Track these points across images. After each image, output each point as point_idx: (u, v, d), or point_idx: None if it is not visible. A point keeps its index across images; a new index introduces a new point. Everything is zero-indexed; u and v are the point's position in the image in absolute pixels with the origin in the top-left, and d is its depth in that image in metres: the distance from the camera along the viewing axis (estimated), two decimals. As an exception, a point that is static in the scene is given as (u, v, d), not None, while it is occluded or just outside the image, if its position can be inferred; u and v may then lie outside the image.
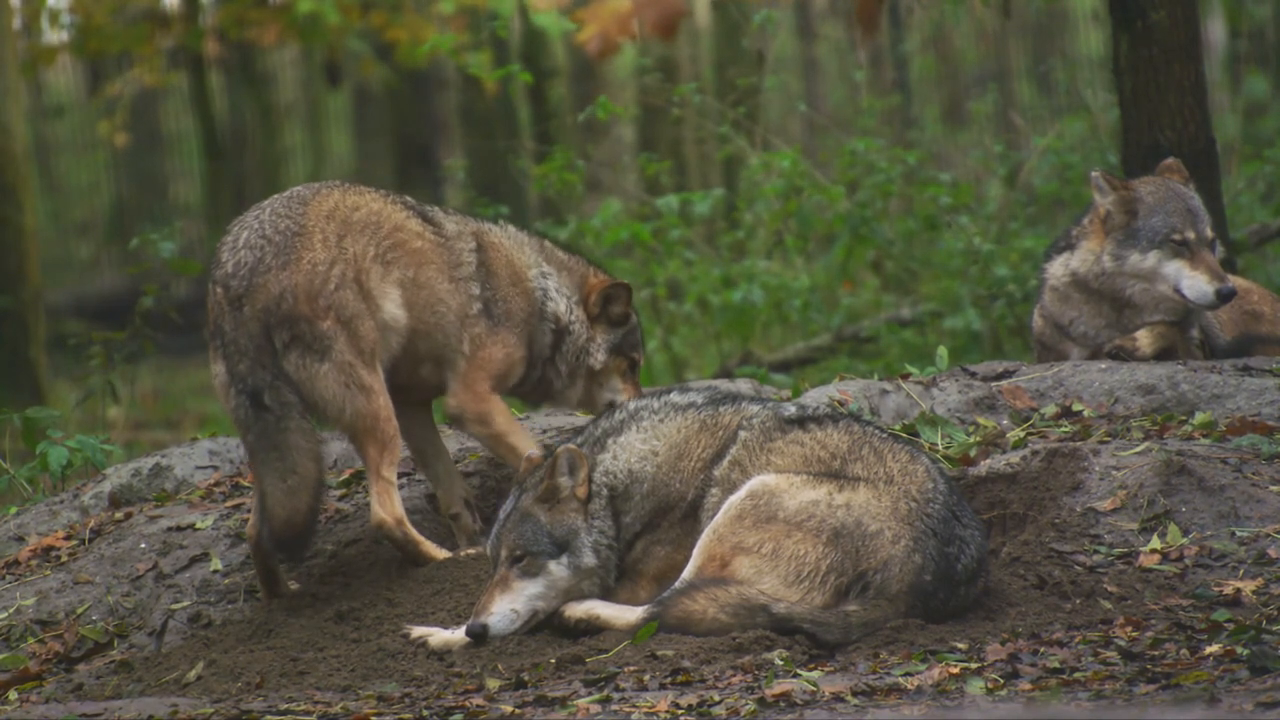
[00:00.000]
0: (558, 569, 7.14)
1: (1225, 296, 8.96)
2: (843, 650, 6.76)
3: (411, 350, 8.00)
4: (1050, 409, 8.54)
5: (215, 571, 8.10)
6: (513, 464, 8.06)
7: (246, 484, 8.80)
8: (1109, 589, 7.12)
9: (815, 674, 6.49)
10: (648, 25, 9.37)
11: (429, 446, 8.28)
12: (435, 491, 8.31)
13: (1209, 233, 9.07)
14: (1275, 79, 21.26)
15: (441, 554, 7.85)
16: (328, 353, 7.77)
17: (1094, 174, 9.22)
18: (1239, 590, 7.03)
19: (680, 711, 6.17)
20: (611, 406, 7.90)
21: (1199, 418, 8.25)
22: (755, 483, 7.01)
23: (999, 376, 8.84)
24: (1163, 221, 9.04)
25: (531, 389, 8.40)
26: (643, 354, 8.56)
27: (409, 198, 8.23)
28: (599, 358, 8.33)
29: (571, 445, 7.21)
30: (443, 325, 8.04)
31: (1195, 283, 8.99)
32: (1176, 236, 9.02)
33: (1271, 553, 7.27)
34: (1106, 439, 8.01)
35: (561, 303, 8.31)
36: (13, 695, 7.43)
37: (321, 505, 7.86)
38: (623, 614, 7.03)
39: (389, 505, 7.82)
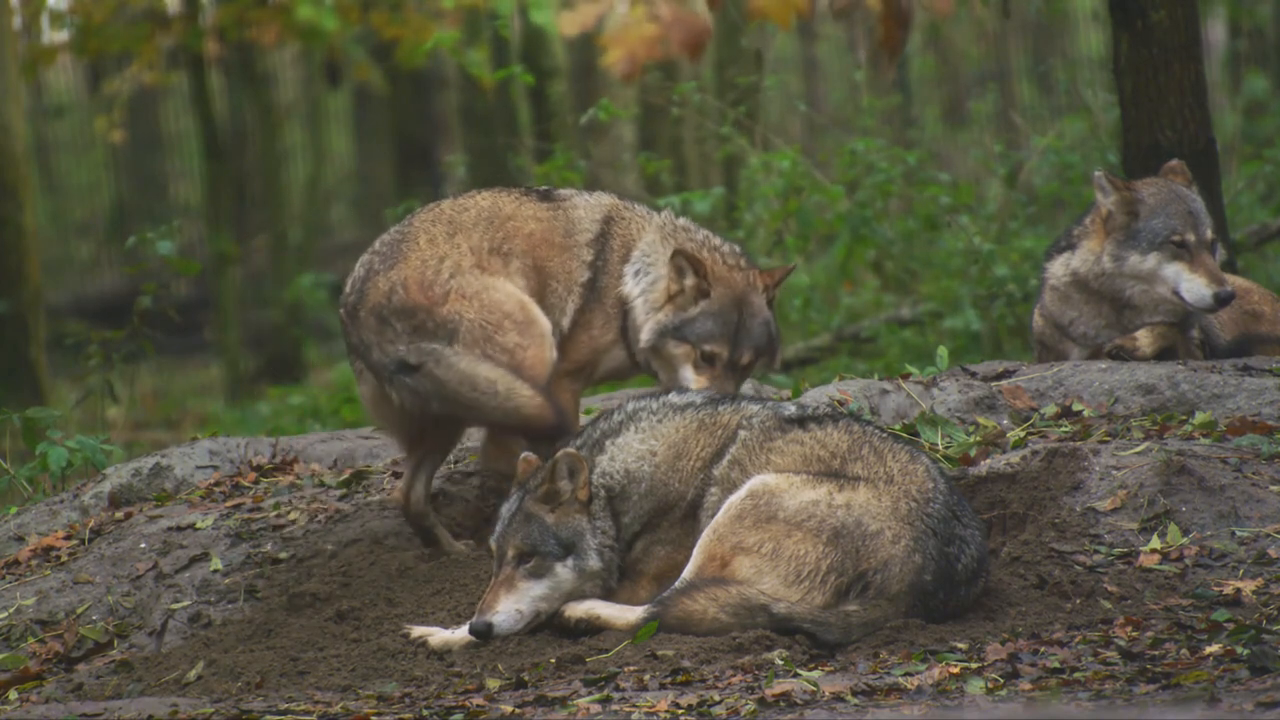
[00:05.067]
0: (564, 571, 7.13)
1: (1223, 300, 8.95)
2: (843, 650, 6.76)
3: None
4: (1050, 409, 8.53)
5: (215, 571, 8.10)
6: None
7: (246, 484, 8.80)
8: (1109, 589, 7.12)
9: (815, 674, 6.49)
10: (675, 45, 9.36)
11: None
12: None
13: (1210, 235, 9.06)
14: (1275, 79, 21.26)
15: None
16: (455, 335, 7.76)
17: (1097, 174, 9.21)
18: (1239, 590, 7.03)
19: (680, 711, 6.17)
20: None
21: (1199, 418, 8.25)
22: (755, 482, 7.01)
23: (999, 376, 8.84)
24: (1163, 223, 9.03)
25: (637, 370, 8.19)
26: (723, 346, 7.99)
27: (530, 186, 8.23)
28: (644, 337, 8.01)
29: (570, 449, 7.20)
30: (557, 301, 8.01)
31: (1194, 285, 8.98)
32: (1176, 238, 9.01)
33: (1271, 553, 7.27)
34: (1106, 439, 8.01)
35: (629, 282, 8.06)
36: (13, 695, 7.43)
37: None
38: (623, 614, 7.03)
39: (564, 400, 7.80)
